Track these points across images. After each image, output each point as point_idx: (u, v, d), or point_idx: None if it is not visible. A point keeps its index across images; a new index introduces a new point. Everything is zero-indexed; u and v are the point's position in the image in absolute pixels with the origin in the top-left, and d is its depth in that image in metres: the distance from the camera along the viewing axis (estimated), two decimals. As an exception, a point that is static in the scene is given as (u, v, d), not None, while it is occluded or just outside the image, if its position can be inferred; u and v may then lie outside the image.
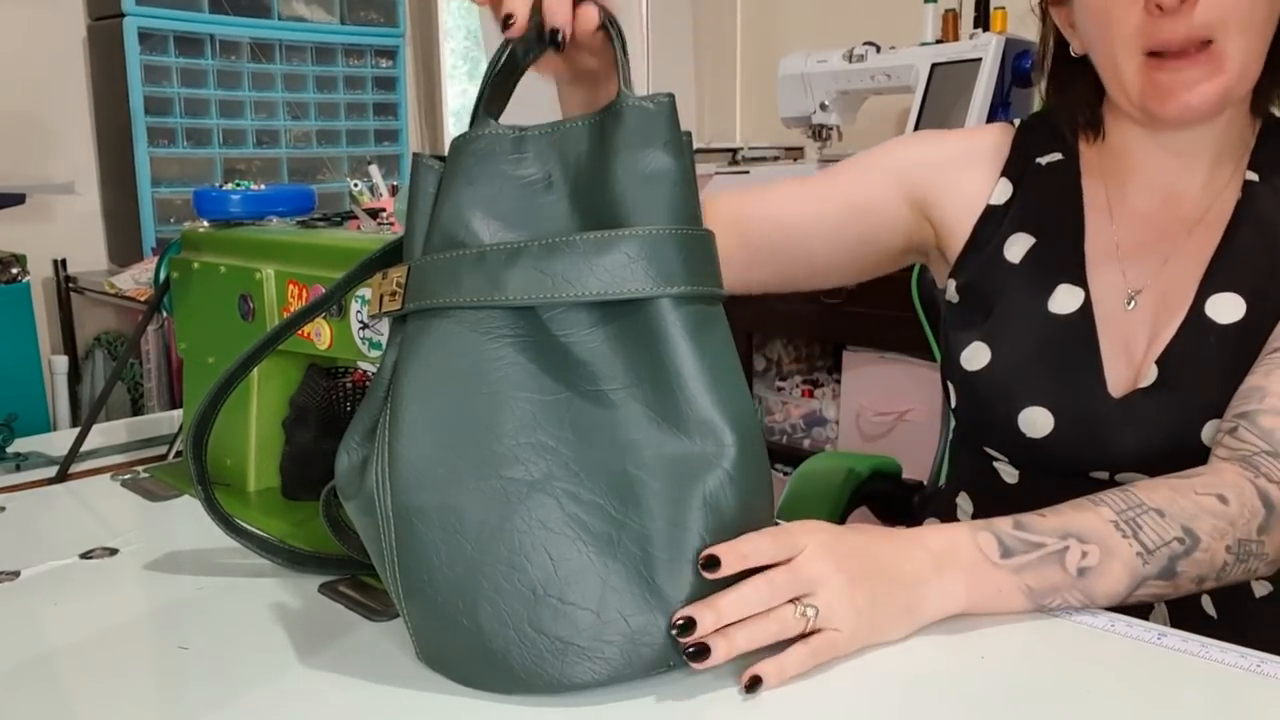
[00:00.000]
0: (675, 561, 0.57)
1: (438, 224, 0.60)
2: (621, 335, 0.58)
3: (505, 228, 0.60)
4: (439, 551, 0.57)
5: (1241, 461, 0.71)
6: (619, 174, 0.59)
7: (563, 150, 0.61)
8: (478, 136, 0.61)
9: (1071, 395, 0.82)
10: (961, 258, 0.91)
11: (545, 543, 0.56)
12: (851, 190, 0.94)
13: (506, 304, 0.58)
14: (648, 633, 0.56)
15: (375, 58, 2.83)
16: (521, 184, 0.61)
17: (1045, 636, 0.63)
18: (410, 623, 0.59)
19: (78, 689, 0.59)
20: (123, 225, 2.55)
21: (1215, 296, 0.81)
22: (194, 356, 0.94)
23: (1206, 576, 0.67)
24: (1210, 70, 0.78)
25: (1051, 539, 0.64)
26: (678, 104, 0.61)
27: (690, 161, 0.62)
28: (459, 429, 0.57)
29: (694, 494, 0.57)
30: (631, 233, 0.58)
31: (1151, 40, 0.78)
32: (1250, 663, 0.60)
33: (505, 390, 0.57)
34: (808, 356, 2.42)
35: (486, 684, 0.57)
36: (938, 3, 2.15)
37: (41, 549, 0.78)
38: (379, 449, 0.59)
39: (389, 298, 0.61)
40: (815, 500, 1.20)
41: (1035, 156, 0.91)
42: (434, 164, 0.62)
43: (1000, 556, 0.63)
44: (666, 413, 0.58)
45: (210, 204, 0.91)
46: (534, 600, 0.55)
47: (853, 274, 0.98)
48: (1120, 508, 0.66)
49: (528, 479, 0.56)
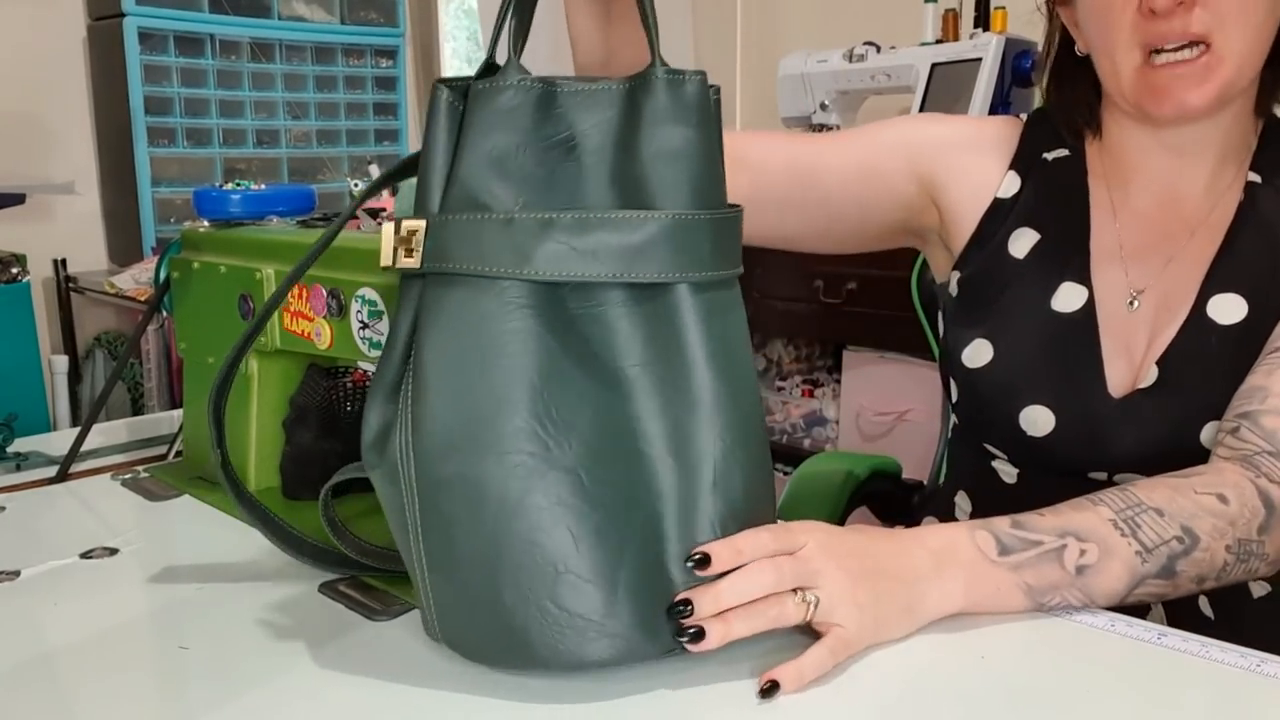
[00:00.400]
0: (685, 542, 0.57)
1: (457, 177, 0.58)
2: (642, 312, 0.58)
3: (526, 189, 0.58)
4: (460, 524, 0.56)
5: (1243, 461, 0.71)
6: (648, 148, 0.58)
7: (590, 113, 0.59)
8: (503, 88, 0.58)
9: (1073, 394, 0.82)
10: (966, 251, 0.91)
11: (564, 519, 0.56)
12: (865, 156, 0.93)
13: (535, 279, 0.57)
14: (661, 612, 0.57)
15: (375, 58, 2.82)
16: (544, 144, 0.58)
17: (1045, 636, 0.63)
18: (431, 597, 0.59)
19: (78, 689, 0.59)
20: (123, 225, 2.54)
21: (1217, 297, 0.81)
22: (194, 356, 0.94)
23: (1206, 576, 0.67)
24: (1206, 70, 0.78)
25: (1049, 537, 0.64)
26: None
27: (720, 138, 0.61)
28: (480, 401, 0.56)
29: (704, 476, 0.57)
30: (664, 215, 0.57)
31: (1148, 38, 0.79)
32: (1250, 662, 0.60)
33: (525, 363, 0.57)
34: (808, 356, 2.42)
35: (504, 661, 0.58)
36: (938, 2, 2.15)
37: (41, 549, 0.78)
38: (403, 418, 0.58)
39: (405, 253, 0.59)
40: (815, 500, 1.20)
41: (1043, 151, 0.91)
42: (457, 104, 0.59)
43: (998, 554, 0.63)
44: (681, 393, 0.58)
45: (210, 204, 0.91)
46: (554, 576, 0.56)
47: (850, 241, 0.97)
48: (1119, 507, 0.66)
49: (547, 455, 0.56)
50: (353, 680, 0.59)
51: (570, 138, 0.59)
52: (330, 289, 0.77)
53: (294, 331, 0.82)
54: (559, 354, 0.57)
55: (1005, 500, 0.87)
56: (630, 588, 0.56)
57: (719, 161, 0.60)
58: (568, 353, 0.57)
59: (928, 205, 0.93)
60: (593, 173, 0.59)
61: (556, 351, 0.57)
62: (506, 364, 0.56)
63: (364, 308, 0.75)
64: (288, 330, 0.82)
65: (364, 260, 0.74)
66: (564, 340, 0.57)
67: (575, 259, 0.56)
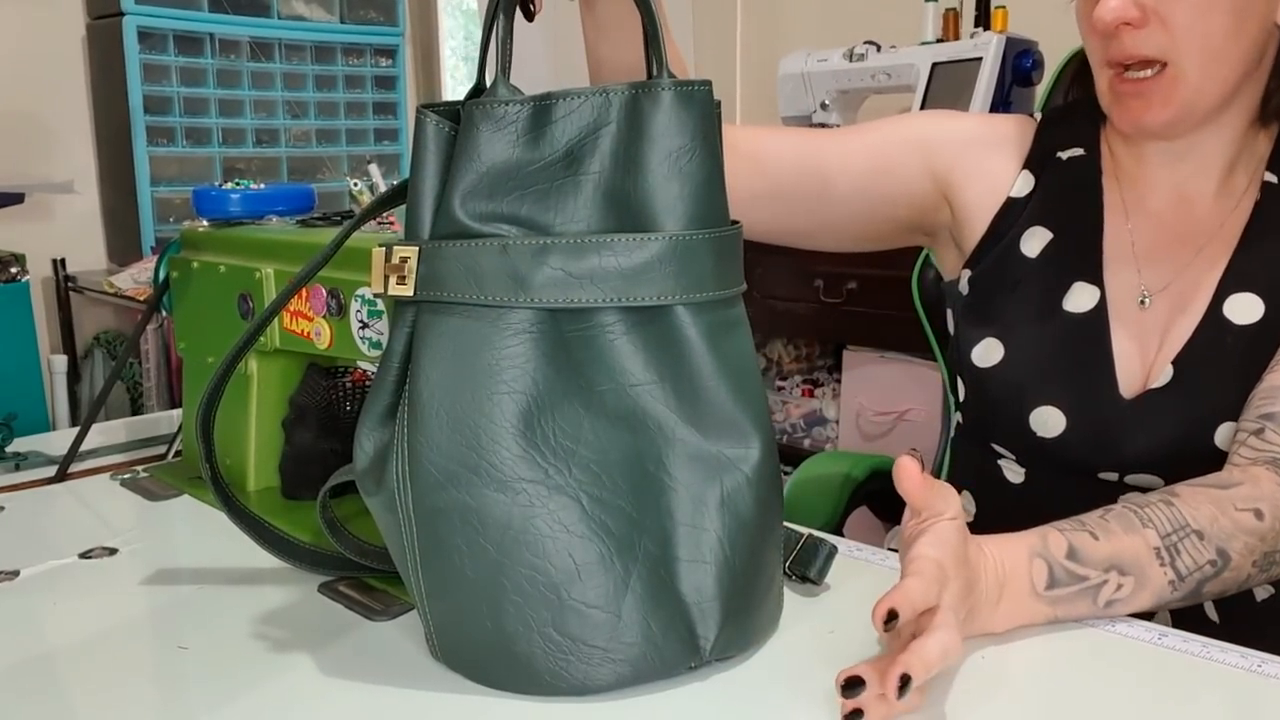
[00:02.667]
0: (694, 562, 0.56)
1: (450, 202, 0.57)
2: (643, 333, 0.57)
3: (522, 209, 0.57)
4: (461, 553, 0.56)
5: (1271, 464, 0.71)
6: (650, 163, 0.56)
7: (588, 124, 0.57)
8: (495, 105, 0.57)
9: (1084, 395, 0.81)
10: (977, 249, 0.90)
11: (568, 545, 0.55)
12: (876, 152, 0.92)
13: (530, 306, 0.55)
14: (668, 633, 0.56)
15: (375, 57, 2.82)
16: (541, 162, 0.57)
17: (1045, 637, 0.63)
18: (431, 623, 0.59)
19: (77, 689, 0.59)
20: (122, 224, 2.54)
21: (1233, 297, 0.80)
22: (194, 356, 0.94)
23: (1228, 590, 0.67)
24: (1166, 91, 0.79)
25: (1095, 572, 0.64)
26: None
27: (720, 151, 0.59)
28: (478, 428, 0.55)
29: (712, 495, 0.57)
30: (664, 236, 0.56)
31: (1109, 54, 0.80)
32: (1251, 663, 0.60)
33: (524, 389, 0.56)
34: (808, 356, 2.41)
35: (508, 685, 0.57)
36: (938, 2, 2.14)
37: (41, 548, 0.78)
38: (399, 447, 0.57)
39: (397, 280, 0.58)
40: (815, 501, 1.20)
41: (1057, 151, 0.91)
42: (444, 127, 0.58)
43: (1045, 588, 0.63)
44: (687, 413, 0.57)
45: (210, 203, 0.91)
46: (558, 604, 0.55)
47: (856, 238, 0.96)
48: (1165, 530, 0.65)
49: (548, 481, 0.55)
50: (352, 680, 0.59)
51: (567, 152, 0.57)
52: (330, 289, 0.77)
53: (294, 331, 0.81)
54: (557, 379, 0.56)
55: (1011, 500, 0.86)
56: (636, 610, 0.56)
57: (721, 176, 0.59)
58: (566, 377, 0.57)
59: (940, 203, 0.93)
60: (591, 188, 0.57)
61: (554, 376, 0.56)
62: (503, 390, 0.55)
63: (364, 307, 0.75)
64: (287, 330, 0.82)
65: (364, 260, 0.73)
66: (562, 364, 0.57)
67: (573, 284, 0.55)
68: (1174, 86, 0.78)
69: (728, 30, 2.85)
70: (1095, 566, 0.64)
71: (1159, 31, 0.77)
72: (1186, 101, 0.79)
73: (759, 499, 0.58)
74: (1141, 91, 0.79)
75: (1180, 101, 0.79)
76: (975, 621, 0.61)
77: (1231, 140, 0.84)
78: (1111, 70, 0.81)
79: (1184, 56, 0.77)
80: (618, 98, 0.57)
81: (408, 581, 0.60)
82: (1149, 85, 0.79)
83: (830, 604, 0.68)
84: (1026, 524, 0.66)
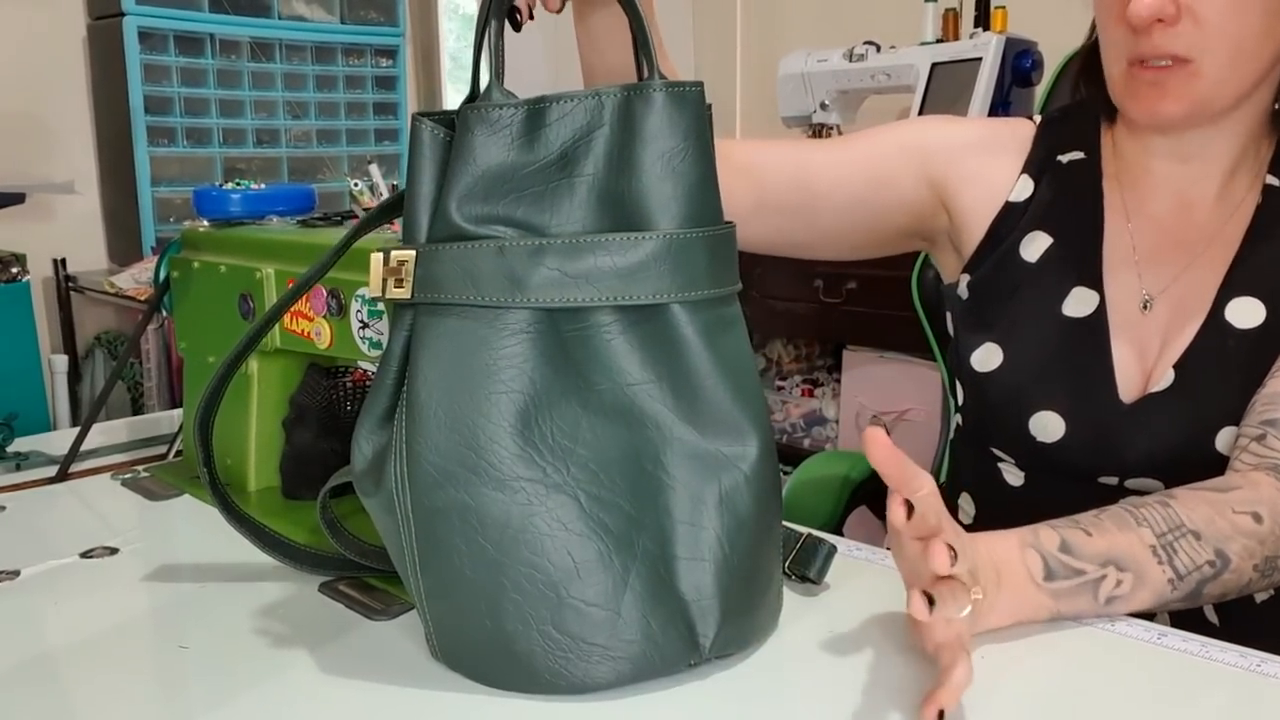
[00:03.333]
0: (693, 560, 0.57)
1: (446, 205, 0.57)
2: (640, 332, 0.57)
3: (518, 211, 0.57)
4: (460, 553, 0.56)
5: (1272, 470, 0.70)
6: (643, 164, 0.56)
7: (582, 126, 0.58)
8: (489, 109, 0.57)
9: (1084, 400, 0.81)
10: (976, 254, 0.90)
11: (567, 544, 0.55)
12: (872, 162, 0.92)
13: (527, 306, 0.56)
14: (668, 631, 0.56)
15: (375, 57, 2.82)
16: (536, 164, 0.57)
17: (1045, 636, 0.63)
18: (431, 623, 0.59)
19: (78, 688, 0.59)
20: (122, 224, 2.54)
21: (1235, 301, 0.80)
22: (194, 356, 0.94)
23: (1229, 593, 0.67)
24: (1184, 84, 0.78)
25: (1092, 566, 0.63)
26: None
27: (713, 151, 0.59)
28: (476, 428, 0.56)
29: (711, 493, 0.57)
30: (659, 235, 0.56)
31: (1133, 51, 0.79)
32: (1250, 663, 0.60)
33: (522, 388, 0.56)
34: (808, 356, 2.42)
35: (508, 684, 0.57)
36: (938, 2, 2.15)
37: (42, 548, 0.78)
38: (397, 448, 0.57)
39: (395, 283, 0.58)
40: (815, 500, 1.20)
41: (1057, 154, 0.91)
42: (439, 133, 0.59)
43: (1043, 579, 0.63)
44: (684, 411, 0.57)
45: (210, 203, 0.91)
46: (557, 602, 0.55)
47: (855, 247, 0.96)
48: (1161, 529, 0.65)
49: (546, 479, 0.56)
50: (352, 680, 0.59)
51: (561, 154, 0.58)
52: (330, 289, 0.77)
53: (294, 331, 0.82)
54: (554, 378, 0.57)
55: (1011, 504, 0.86)
56: (636, 608, 0.56)
57: (714, 176, 0.59)
58: (563, 376, 0.57)
59: (938, 209, 0.93)
60: (585, 189, 0.57)
61: (552, 376, 0.57)
62: (501, 390, 0.56)
63: (364, 307, 0.75)
64: (288, 330, 0.82)
65: (364, 261, 0.74)
66: (559, 364, 0.57)
67: (569, 284, 0.56)
68: (1191, 80, 0.78)
69: (728, 31, 2.85)
70: (1090, 561, 0.64)
71: (1190, 28, 0.76)
72: (1203, 96, 0.79)
73: (757, 497, 0.58)
74: (1159, 80, 0.79)
75: (1196, 95, 0.78)
76: (977, 613, 0.61)
77: (1238, 142, 0.84)
78: (1128, 62, 0.80)
79: (1211, 54, 0.77)
80: (610, 100, 0.58)
81: (407, 582, 0.60)
82: (1166, 74, 0.78)
83: (830, 603, 0.68)
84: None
